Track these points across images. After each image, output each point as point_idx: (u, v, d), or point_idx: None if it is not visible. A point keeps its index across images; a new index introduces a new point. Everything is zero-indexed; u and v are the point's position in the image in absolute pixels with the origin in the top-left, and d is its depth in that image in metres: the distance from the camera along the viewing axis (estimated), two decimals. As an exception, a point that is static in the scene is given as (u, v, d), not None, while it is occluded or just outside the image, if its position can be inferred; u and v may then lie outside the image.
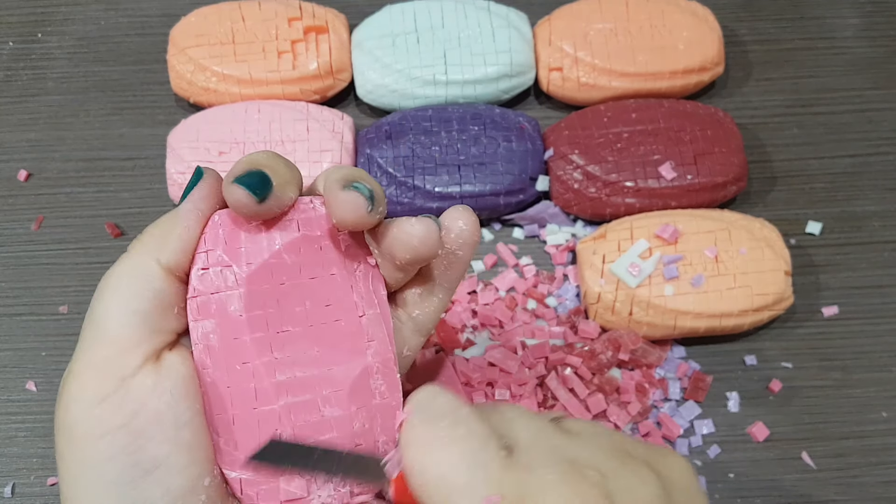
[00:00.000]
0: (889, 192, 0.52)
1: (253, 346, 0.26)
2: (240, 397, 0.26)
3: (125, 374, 0.25)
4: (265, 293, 0.26)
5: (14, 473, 0.45)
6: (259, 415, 0.26)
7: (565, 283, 0.49)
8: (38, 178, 0.52)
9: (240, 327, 0.26)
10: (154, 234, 0.26)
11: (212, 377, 0.26)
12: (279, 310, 0.26)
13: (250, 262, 0.26)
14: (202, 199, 0.26)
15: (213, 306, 0.26)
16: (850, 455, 0.45)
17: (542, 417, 0.28)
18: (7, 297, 0.49)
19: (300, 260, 0.27)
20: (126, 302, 0.25)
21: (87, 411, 0.24)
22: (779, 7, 0.57)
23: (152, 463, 0.24)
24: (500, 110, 0.51)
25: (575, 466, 0.25)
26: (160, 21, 0.57)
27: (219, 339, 0.26)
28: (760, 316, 0.46)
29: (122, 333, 0.25)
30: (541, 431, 0.26)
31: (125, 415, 0.24)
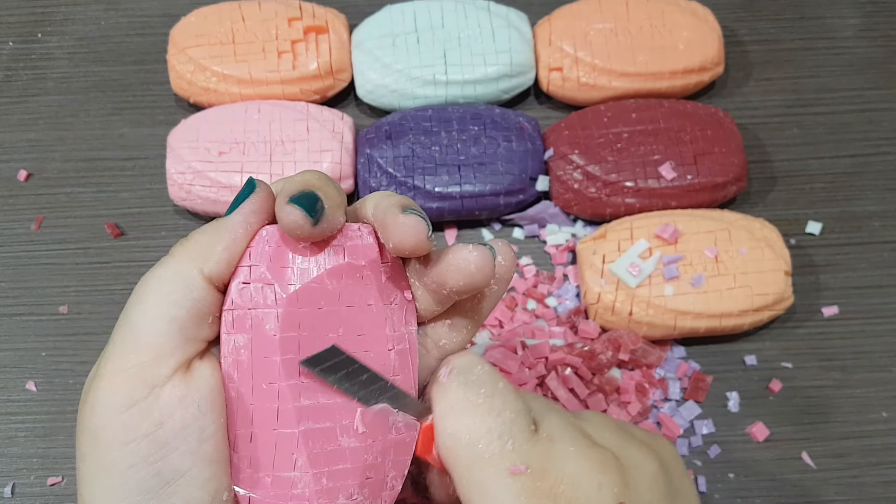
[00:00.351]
0: (889, 192, 0.52)
1: (282, 368, 0.26)
2: (261, 416, 0.26)
3: (156, 383, 0.24)
4: (302, 316, 0.26)
5: (14, 473, 0.45)
6: (278, 436, 0.26)
7: (565, 283, 0.49)
8: (38, 178, 0.52)
9: (272, 347, 0.26)
10: (200, 241, 0.26)
11: (237, 392, 0.26)
12: (313, 334, 0.26)
13: (292, 283, 0.26)
14: (252, 212, 0.26)
15: (249, 322, 0.26)
16: (850, 455, 0.45)
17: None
18: (7, 297, 0.49)
19: (340, 287, 0.26)
20: (165, 309, 0.25)
21: (115, 416, 0.24)
22: (779, 7, 0.57)
23: (174, 474, 0.24)
24: (500, 110, 0.51)
25: (591, 441, 0.27)
26: (160, 21, 0.57)
27: (249, 355, 0.26)
28: (760, 316, 0.46)
29: (157, 341, 0.25)
30: (559, 412, 0.28)
31: (151, 424, 0.24)
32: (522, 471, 0.25)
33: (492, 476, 0.25)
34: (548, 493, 0.25)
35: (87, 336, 0.48)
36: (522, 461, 0.25)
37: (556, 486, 0.25)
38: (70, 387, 0.47)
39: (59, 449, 0.46)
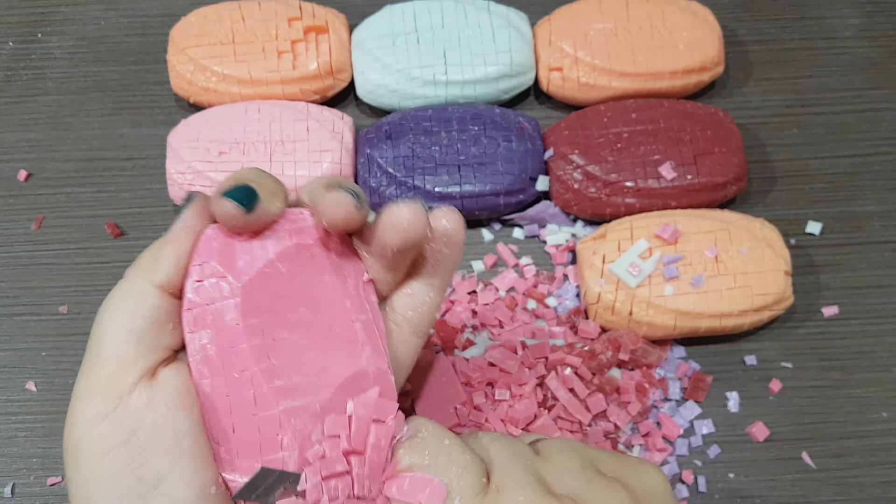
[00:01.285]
0: (889, 192, 0.52)
1: (250, 354, 0.26)
2: (239, 405, 0.26)
3: (122, 392, 0.25)
4: (260, 301, 0.27)
5: (14, 473, 0.45)
6: (259, 421, 0.26)
7: (565, 283, 0.49)
8: (38, 178, 0.52)
9: (236, 336, 0.26)
10: (147, 257, 0.27)
11: (211, 387, 0.26)
12: (274, 317, 0.27)
13: (244, 273, 0.27)
14: (192, 218, 0.27)
15: (210, 317, 0.26)
16: (850, 455, 0.45)
17: (520, 441, 0.29)
18: (7, 297, 0.49)
19: (293, 268, 0.27)
20: (122, 322, 0.26)
21: (90, 430, 0.25)
22: (779, 7, 0.57)
23: (156, 476, 0.25)
24: (500, 110, 0.51)
25: (544, 488, 0.26)
26: (160, 21, 0.57)
27: (216, 348, 0.26)
28: (760, 316, 0.46)
29: (118, 352, 0.26)
30: (516, 454, 0.27)
31: (125, 431, 0.25)
32: None
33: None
34: None
35: (86, 336, 0.48)
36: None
37: None
38: (70, 387, 0.47)
39: (59, 449, 0.46)
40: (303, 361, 0.27)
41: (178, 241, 0.27)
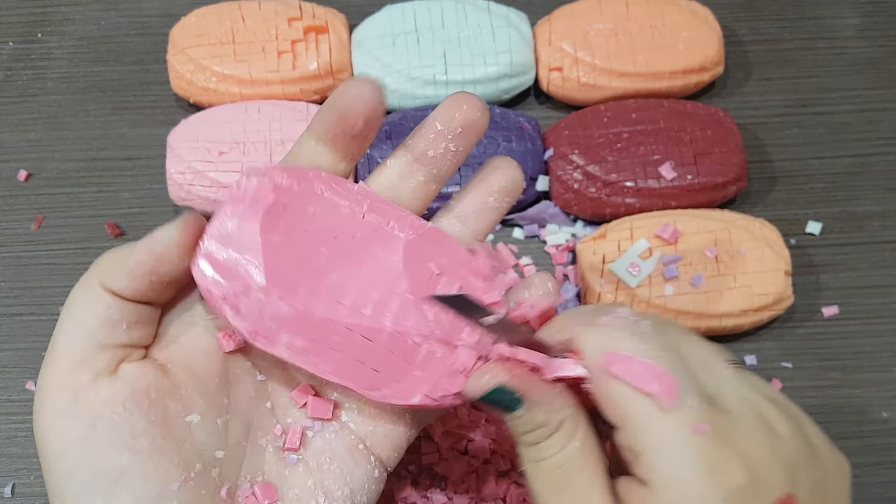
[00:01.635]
0: (889, 192, 0.52)
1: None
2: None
3: (77, 390, 0.26)
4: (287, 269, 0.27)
5: (14, 473, 0.45)
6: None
7: (565, 283, 0.49)
8: (38, 178, 0.52)
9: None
10: (106, 258, 0.28)
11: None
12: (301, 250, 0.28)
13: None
14: (162, 243, 0.27)
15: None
16: (850, 455, 0.45)
17: (720, 354, 0.27)
18: (7, 297, 0.49)
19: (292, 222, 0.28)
20: (75, 320, 0.27)
21: (49, 426, 0.26)
22: (779, 7, 0.57)
23: (116, 472, 0.25)
24: (500, 110, 0.51)
25: (768, 423, 0.25)
26: (160, 21, 0.57)
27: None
28: (760, 316, 0.46)
29: (71, 350, 0.26)
30: (728, 377, 0.26)
31: (82, 427, 0.25)
32: (706, 430, 0.24)
33: (673, 430, 0.24)
34: (726, 463, 0.24)
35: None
36: (708, 420, 0.24)
37: (734, 458, 0.24)
38: (70, 387, 0.47)
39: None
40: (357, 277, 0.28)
41: (139, 259, 0.27)
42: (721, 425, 0.24)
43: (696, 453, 0.24)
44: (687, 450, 0.24)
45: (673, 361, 0.25)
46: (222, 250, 0.27)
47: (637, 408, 0.24)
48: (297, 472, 0.29)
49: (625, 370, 0.25)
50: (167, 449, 0.26)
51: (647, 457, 0.24)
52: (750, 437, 0.24)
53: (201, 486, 0.27)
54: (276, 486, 0.28)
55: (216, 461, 0.28)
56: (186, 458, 0.27)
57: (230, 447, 0.28)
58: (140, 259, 0.27)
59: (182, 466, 0.26)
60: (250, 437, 0.29)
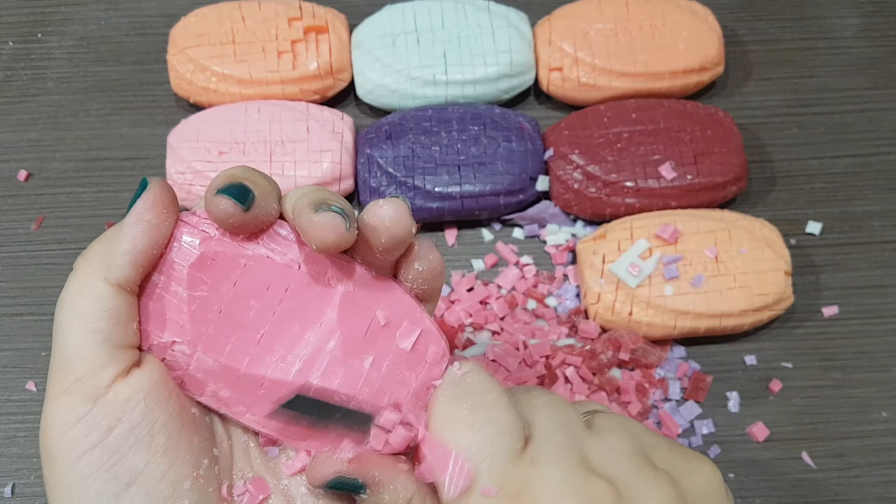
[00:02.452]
0: (889, 192, 0.52)
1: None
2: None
3: (97, 395, 0.25)
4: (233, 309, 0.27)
5: (14, 473, 0.45)
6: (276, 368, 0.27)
7: (565, 283, 0.49)
8: (38, 178, 0.52)
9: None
10: (99, 251, 0.26)
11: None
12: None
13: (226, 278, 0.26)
14: (147, 209, 0.26)
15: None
16: (850, 455, 0.45)
17: (576, 408, 0.27)
18: (7, 297, 0.49)
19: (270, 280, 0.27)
20: (83, 324, 0.25)
21: (63, 435, 0.25)
22: (779, 7, 0.57)
23: (131, 474, 0.25)
24: (500, 110, 0.51)
25: (585, 466, 0.24)
26: (160, 21, 0.57)
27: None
28: (760, 316, 0.46)
29: (86, 355, 0.25)
30: (564, 425, 0.26)
31: (100, 433, 0.25)
32: (492, 493, 0.24)
33: (465, 497, 0.24)
34: None
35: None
36: (496, 482, 0.24)
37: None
38: (70, 387, 0.47)
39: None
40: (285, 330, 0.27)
41: (133, 235, 0.25)
42: (521, 478, 0.24)
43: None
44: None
45: (480, 419, 0.25)
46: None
47: (440, 486, 0.25)
48: (282, 463, 0.29)
49: (430, 452, 0.25)
50: (181, 445, 0.26)
51: None
52: (553, 485, 0.24)
53: (208, 484, 0.27)
54: (265, 480, 0.28)
55: (215, 458, 0.28)
56: (196, 452, 0.26)
57: (220, 444, 0.28)
58: (135, 236, 0.26)
59: (193, 462, 0.26)
60: (232, 434, 0.29)
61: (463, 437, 0.25)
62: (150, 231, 0.26)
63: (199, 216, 0.27)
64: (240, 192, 0.25)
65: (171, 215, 0.26)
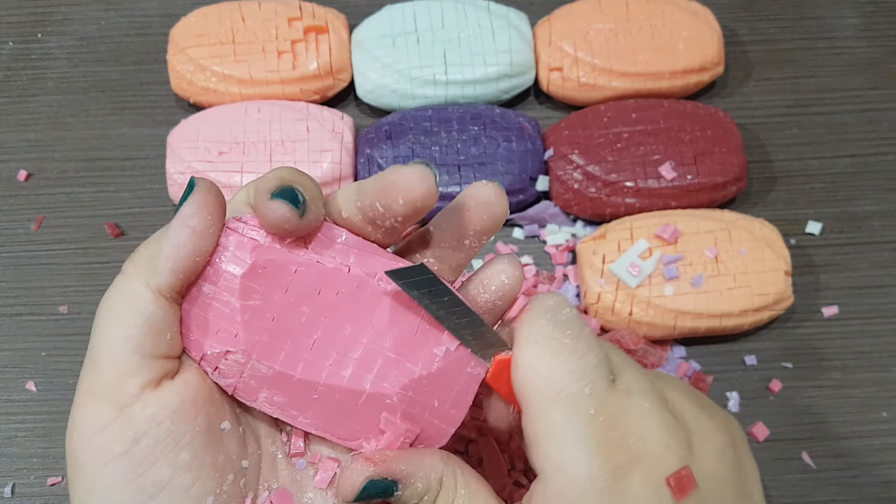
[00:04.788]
0: (889, 192, 0.52)
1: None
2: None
3: (124, 403, 0.25)
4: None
5: (14, 473, 0.45)
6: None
7: (565, 283, 0.49)
8: (38, 178, 0.52)
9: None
10: (143, 255, 0.25)
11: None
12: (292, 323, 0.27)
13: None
14: (192, 214, 0.25)
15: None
16: (850, 455, 0.45)
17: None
18: (7, 297, 0.49)
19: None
20: (118, 329, 0.25)
21: (89, 440, 0.25)
22: (779, 7, 0.57)
23: (155, 487, 0.25)
24: (500, 110, 0.51)
25: (665, 402, 0.26)
26: (160, 21, 0.57)
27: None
28: (760, 316, 0.46)
29: (116, 361, 0.25)
30: (639, 369, 0.27)
31: (126, 443, 0.25)
32: (598, 420, 0.25)
33: (565, 415, 0.25)
34: (616, 443, 0.25)
35: (86, 336, 0.47)
36: (597, 407, 0.25)
37: (626, 438, 0.25)
38: (70, 387, 0.47)
39: (59, 449, 0.46)
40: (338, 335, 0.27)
41: (177, 240, 0.25)
42: (617, 406, 0.25)
43: (586, 435, 0.24)
44: (577, 433, 0.24)
45: (582, 347, 0.26)
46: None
47: (535, 393, 0.25)
48: (307, 476, 0.29)
49: (525, 370, 0.26)
50: (206, 461, 0.26)
51: (540, 443, 0.25)
52: (645, 416, 0.25)
53: (232, 498, 0.26)
54: (290, 492, 0.28)
55: (242, 471, 0.27)
56: (221, 469, 0.26)
57: (250, 456, 0.28)
58: (179, 242, 0.25)
59: (217, 479, 0.26)
60: (262, 444, 0.29)
61: (568, 360, 0.25)
62: (195, 237, 0.25)
63: (246, 223, 0.26)
64: (293, 196, 0.25)
65: (217, 221, 0.26)
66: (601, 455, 0.24)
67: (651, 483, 0.25)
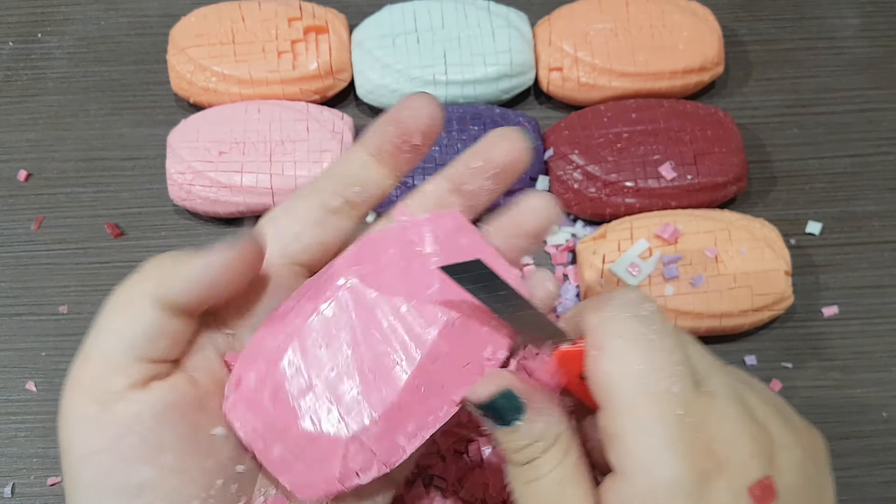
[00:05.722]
0: (889, 192, 0.52)
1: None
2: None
3: (108, 399, 0.25)
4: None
5: (14, 473, 0.45)
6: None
7: (565, 283, 0.49)
8: (38, 178, 0.52)
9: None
10: (164, 265, 0.26)
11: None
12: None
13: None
14: (233, 248, 0.25)
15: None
16: (850, 455, 0.45)
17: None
18: (7, 297, 0.49)
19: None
20: (116, 325, 0.25)
21: (74, 430, 0.25)
22: (779, 7, 0.57)
23: (137, 487, 0.25)
24: (500, 110, 0.51)
25: (749, 408, 0.25)
26: (160, 21, 0.57)
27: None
28: (760, 316, 0.46)
29: (107, 356, 0.25)
30: (723, 370, 0.26)
31: (108, 438, 0.25)
32: (687, 421, 0.24)
33: (653, 414, 0.24)
34: (704, 447, 0.24)
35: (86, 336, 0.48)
36: (685, 408, 0.24)
37: (712, 442, 0.24)
38: (70, 387, 0.47)
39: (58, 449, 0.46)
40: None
41: (208, 263, 0.25)
42: (703, 409, 0.24)
43: (674, 436, 0.24)
44: (665, 433, 0.24)
45: (669, 345, 0.25)
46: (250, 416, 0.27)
47: (622, 388, 0.24)
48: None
49: (608, 365, 0.25)
50: (190, 465, 0.26)
51: (625, 440, 0.24)
52: (730, 422, 0.25)
53: (220, 503, 0.26)
54: (286, 500, 0.28)
55: (237, 476, 0.27)
56: (209, 473, 0.26)
57: (248, 461, 0.28)
58: (195, 275, 0.25)
59: (203, 483, 0.26)
60: None
61: (657, 357, 0.24)
62: (212, 280, 0.25)
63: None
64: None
65: (254, 268, 0.26)
66: (689, 458, 0.23)
67: (734, 491, 0.24)
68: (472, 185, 0.29)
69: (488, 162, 0.28)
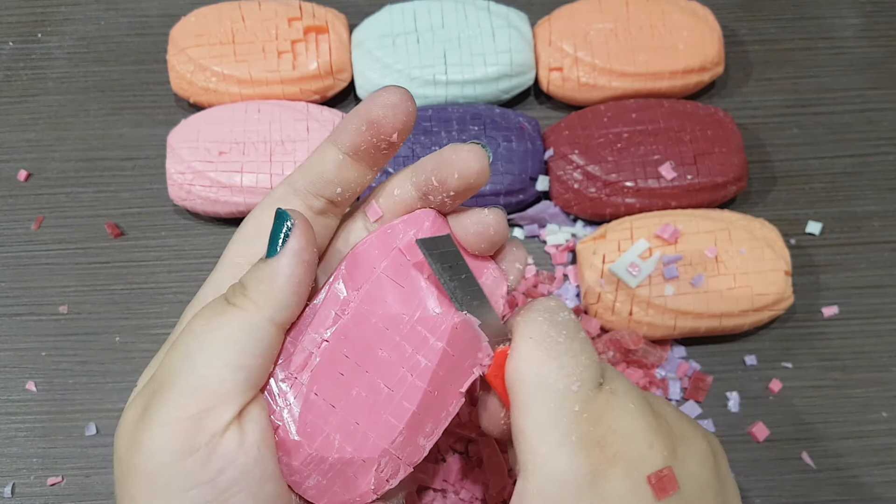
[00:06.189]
0: (889, 192, 0.52)
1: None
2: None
3: (216, 431, 0.24)
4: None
5: (14, 473, 0.45)
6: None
7: (565, 283, 0.49)
8: (38, 178, 0.52)
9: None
10: (262, 291, 0.25)
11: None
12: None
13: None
14: (303, 249, 0.26)
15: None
16: (850, 455, 0.45)
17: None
18: (7, 297, 0.49)
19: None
20: (234, 358, 0.25)
21: (173, 464, 0.24)
22: (779, 7, 0.57)
23: None
24: (500, 110, 0.51)
25: (651, 405, 0.27)
26: (160, 21, 0.57)
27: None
28: (760, 316, 0.46)
29: (222, 389, 0.24)
30: (625, 377, 0.28)
31: (212, 471, 0.24)
32: (581, 417, 0.25)
33: (550, 410, 0.25)
34: (597, 441, 0.25)
35: (87, 336, 0.48)
36: (582, 405, 0.25)
37: (608, 435, 0.25)
38: (70, 387, 0.47)
39: (59, 449, 0.46)
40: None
41: (299, 277, 0.25)
42: (602, 405, 0.26)
43: (568, 432, 0.25)
44: (560, 429, 0.25)
45: (575, 348, 0.26)
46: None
47: (525, 386, 0.26)
48: None
49: (521, 363, 0.26)
50: (285, 492, 0.26)
51: (525, 437, 0.25)
52: (629, 415, 0.26)
53: None
54: None
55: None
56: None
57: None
58: (300, 277, 0.25)
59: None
60: None
61: (560, 358, 0.26)
62: (310, 271, 0.26)
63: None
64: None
65: (316, 252, 0.27)
66: (582, 451, 0.25)
67: (632, 481, 0.25)
68: (434, 199, 0.29)
69: (443, 185, 0.28)
